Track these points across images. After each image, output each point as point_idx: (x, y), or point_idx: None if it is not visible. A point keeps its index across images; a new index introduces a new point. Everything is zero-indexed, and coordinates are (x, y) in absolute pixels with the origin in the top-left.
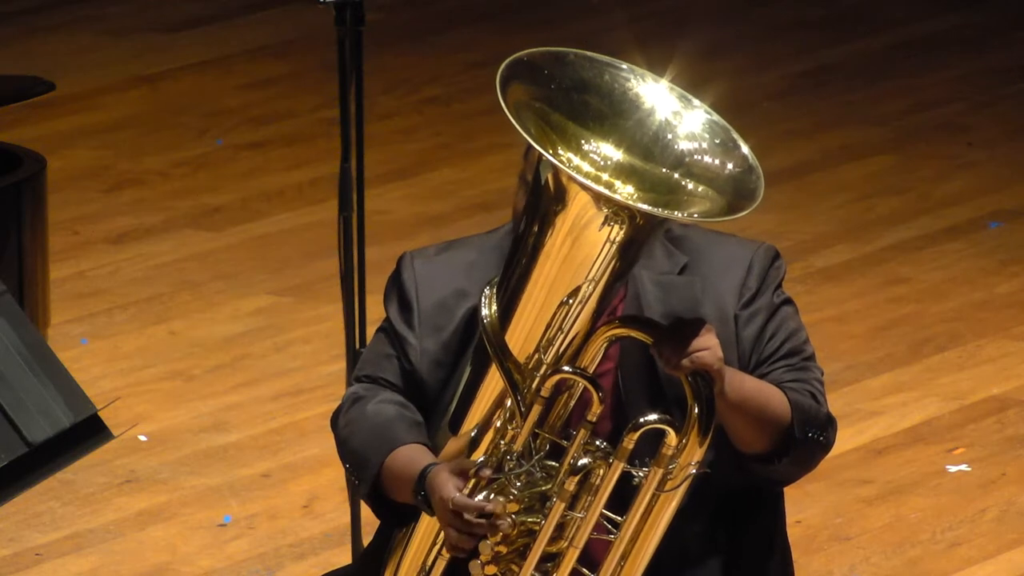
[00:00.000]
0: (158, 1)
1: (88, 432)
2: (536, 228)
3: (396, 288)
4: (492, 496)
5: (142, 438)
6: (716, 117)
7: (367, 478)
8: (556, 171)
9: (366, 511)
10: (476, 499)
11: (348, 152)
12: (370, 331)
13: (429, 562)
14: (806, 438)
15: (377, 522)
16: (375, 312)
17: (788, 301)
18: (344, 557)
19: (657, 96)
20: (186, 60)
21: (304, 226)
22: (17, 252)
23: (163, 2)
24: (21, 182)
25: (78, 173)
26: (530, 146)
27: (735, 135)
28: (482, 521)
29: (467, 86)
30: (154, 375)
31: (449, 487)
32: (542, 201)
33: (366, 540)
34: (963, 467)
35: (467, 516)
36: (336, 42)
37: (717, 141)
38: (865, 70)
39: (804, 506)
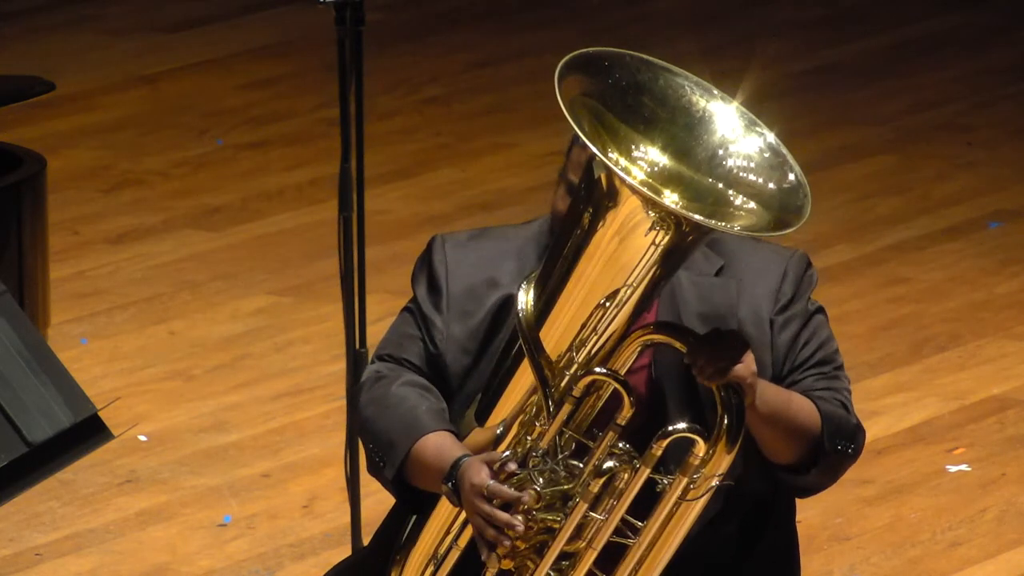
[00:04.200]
0: (158, 1)
1: (88, 432)
2: (584, 225)
3: (426, 269)
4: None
5: (142, 438)
6: (768, 133)
7: (394, 462)
8: (608, 172)
9: (366, 511)
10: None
11: (348, 152)
12: (370, 331)
13: (441, 552)
14: (835, 450)
15: (377, 523)
16: (375, 312)
17: (821, 310)
18: (344, 557)
19: (711, 107)
20: (186, 60)
21: (304, 226)
22: (17, 252)
23: (163, 2)
24: (21, 182)
25: (78, 173)
26: (572, 145)
27: (785, 152)
28: (503, 514)
29: (467, 86)
30: (154, 375)
31: (484, 474)
32: (592, 199)
33: (366, 540)
34: (963, 467)
35: (490, 507)
36: (336, 42)
37: (767, 157)
38: (865, 70)
39: (804, 506)
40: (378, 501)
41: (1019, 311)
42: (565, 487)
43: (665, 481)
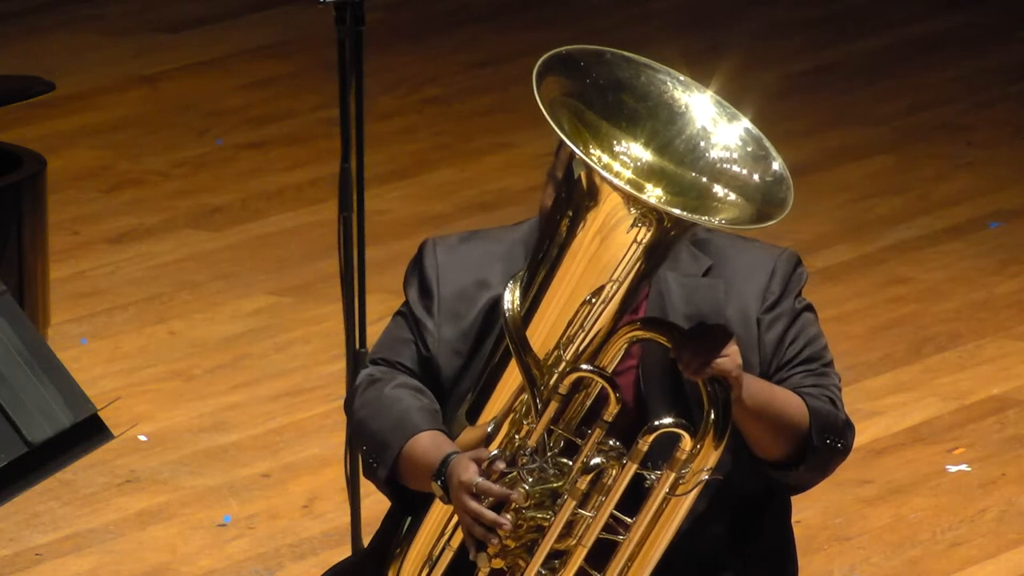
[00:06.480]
0: (158, 1)
1: (88, 432)
2: (565, 225)
3: (417, 273)
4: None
5: (142, 438)
6: (750, 126)
7: (386, 461)
8: (589, 170)
9: (366, 511)
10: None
11: (348, 152)
12: (370, 331)
13: (436, 553)
14: (824, 445)
15: (377, 523)
16: (375, 312)
17: (809, 307)
18: (344, 557)
19: (692, 101)
20: (186, 60)
21: (304, 226)
22: (17, 252)
23: (163, 2)
24: (21, 182)
25: (78, 173)
26: (561, 143)
27: (768, 145)
28: (490, 513)
29: (467, 86)
30: (154, 375)
31: (471, 471)
32: (573, 199)
33: (366, 540)
34: (963, 467)
35: (477, 505)
36: (336, 42)
37: (749, 150)
38: (865, 70)
39: (804, 506)
40: (378, 501)
41: (1019, 311)
42: (554, 485)
43: (653, 477)
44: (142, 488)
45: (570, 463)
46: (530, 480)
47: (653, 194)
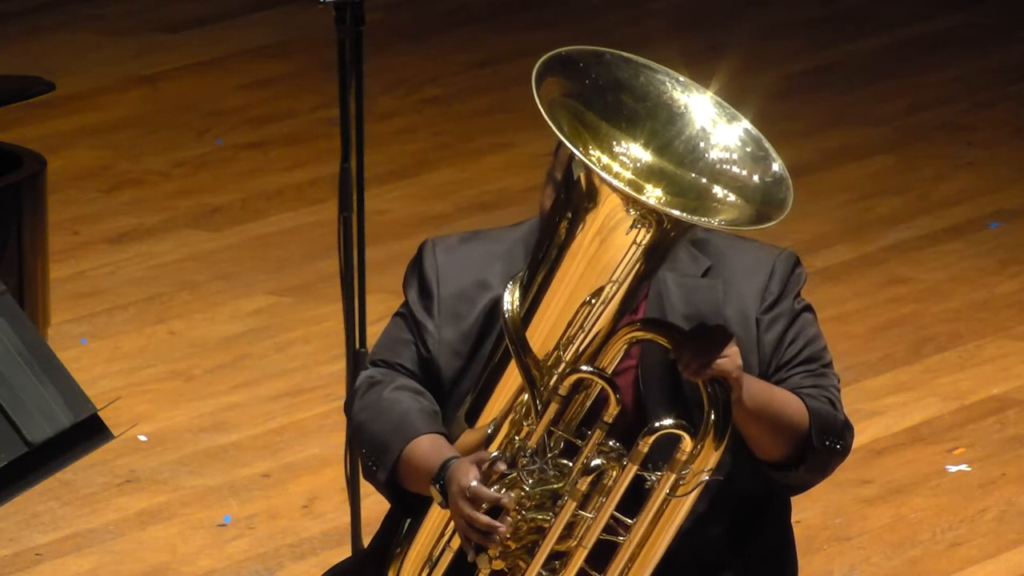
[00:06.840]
0: (158, 1)
1: (88, 432)
2: (565, 226)
3: (416, 274)
4: (505, 491)
5: (142, 438)
6: (749, 126)
7: (386, 464)
8: (588, 171)
9: (366, 511)
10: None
11: (348, 152)
12: (370, 331)
13: (436, 554)
14: (823, 446)
15: (377, 523)
16: (375, 312)
17: (808, 308)
18: (344, 557)
19: (691, 101)
20: (186, 60)
21: (304, 226)
22: (17, 252)
23: (163, 2)
24: (21, 182)
25: (78, 173)
26: (561, 144)
27: (768, 145)
28: (484, 518)
29: (467, 86)
30: (154, 375)
31: (469, 476)
32: (572, 200)
33: (366, 540)
34: (963, 467)
35: (471, 510)
36: (336, 42)
37: (749, 150)
38: (865, 70)
39: (804, 506)
40: (378, 501)
41: (1019, 311)
42: (555, 486)
43: (653, 478)
44: (142, 488)
45: (570, 464)
46: (530, 481)
47: (652, 195)
